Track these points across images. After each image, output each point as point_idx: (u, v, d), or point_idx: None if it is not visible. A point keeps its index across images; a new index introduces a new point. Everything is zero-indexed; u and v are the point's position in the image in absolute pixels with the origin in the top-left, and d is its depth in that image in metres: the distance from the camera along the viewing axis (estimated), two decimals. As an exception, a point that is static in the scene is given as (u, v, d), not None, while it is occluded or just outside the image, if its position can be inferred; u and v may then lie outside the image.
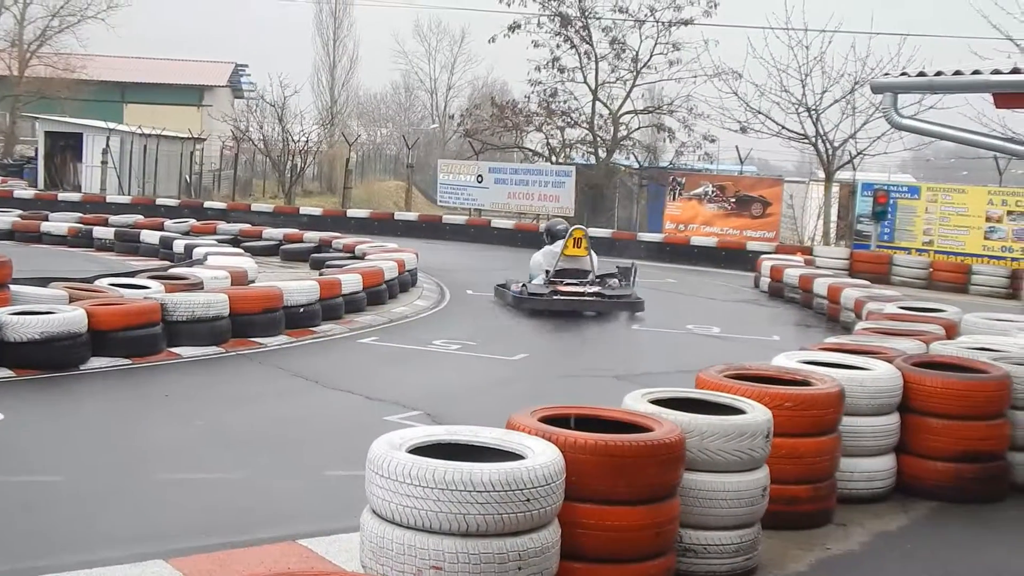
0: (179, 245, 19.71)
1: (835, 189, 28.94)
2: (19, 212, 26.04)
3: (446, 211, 33.24)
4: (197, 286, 12.57)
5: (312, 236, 22.81)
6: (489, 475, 4.05)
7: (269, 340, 11.63)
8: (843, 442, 6.16)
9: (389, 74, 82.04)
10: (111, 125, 39.15)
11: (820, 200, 29.39)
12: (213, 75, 55.29)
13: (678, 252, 26.95)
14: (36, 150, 41.24)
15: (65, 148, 40.44)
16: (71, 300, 10.67)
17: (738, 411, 5.41)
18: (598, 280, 15.66)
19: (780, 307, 18.24)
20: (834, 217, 28.72)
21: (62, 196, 32.59)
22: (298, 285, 12.85)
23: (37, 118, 41.88)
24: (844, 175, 29.67)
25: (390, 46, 72.44)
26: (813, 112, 28.70)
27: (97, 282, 12.37)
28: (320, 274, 15.67)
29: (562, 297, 15.09)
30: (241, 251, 18.07)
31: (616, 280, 15.91)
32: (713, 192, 29.16)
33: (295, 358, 11.10)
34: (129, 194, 35.49)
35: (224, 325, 11.21)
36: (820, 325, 15.69)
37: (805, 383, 6.14)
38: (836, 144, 28.78)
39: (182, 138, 42.17)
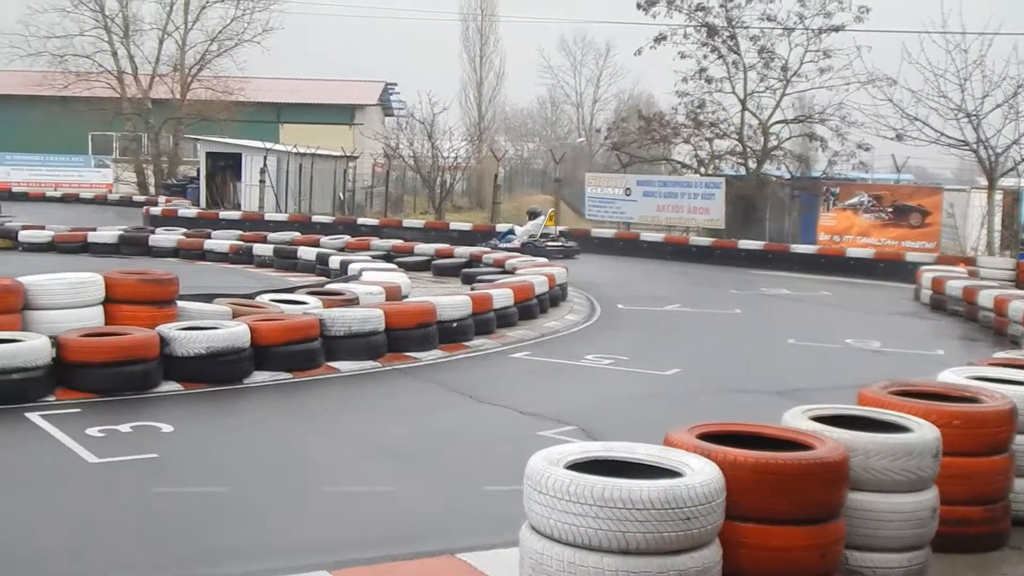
0: (335, 261, 20.18)
1: (998, 197, 27.89)
2: (183, 231, 27.03)
3: (594, 224, 33.23)
4: (353, 301, 12.83)
5: (463, 251, 23.09)
6: (648, 493, 4.02)
7: (423, 355, 11.80)
8: (1016, 462, 5.91)
9: (535, 89, 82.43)
10: (268, 145, 40.32)
11: (982, 208, 28.35)
12: (364, 94, 56.46)
13: (833, 264, 26.37)
14: (198, 170, 42.79)
15: (225, 168, 41.83)
16: (234, 316, 11.04)
17: (904, 429, 5.24)
18: (558, 238, 27.92)
19: (942, 320, 17.66)
20: (997, 226, 27.67)
21: (223, 214, 33.70)
22: (451, 300, 13.00)
23: (198, 139, 43.46)
24: (1008, 182, 28.58)
25: (536, 61, 72.91)
26: (973, 118, 27.74)
27: (258, 298, 12.75)
28: (472, 289, 15.83)
29: (547, 246, 26.28)
30: (395, 267, 18.38)
31: (564, 239, 28.06)
32: (869, 202, 28.42)
33: (449, 372, 11.23)
34: (286, 211, 36.49)
35: (380, 340, 11.42)
36: (986, 339, 15.14)
37: (974, 400, 5.91)
38: (999, 150, 27.76)
39: (335, 156, 43.17)
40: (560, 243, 27.19)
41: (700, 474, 4.22)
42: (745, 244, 28.30)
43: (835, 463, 4.57)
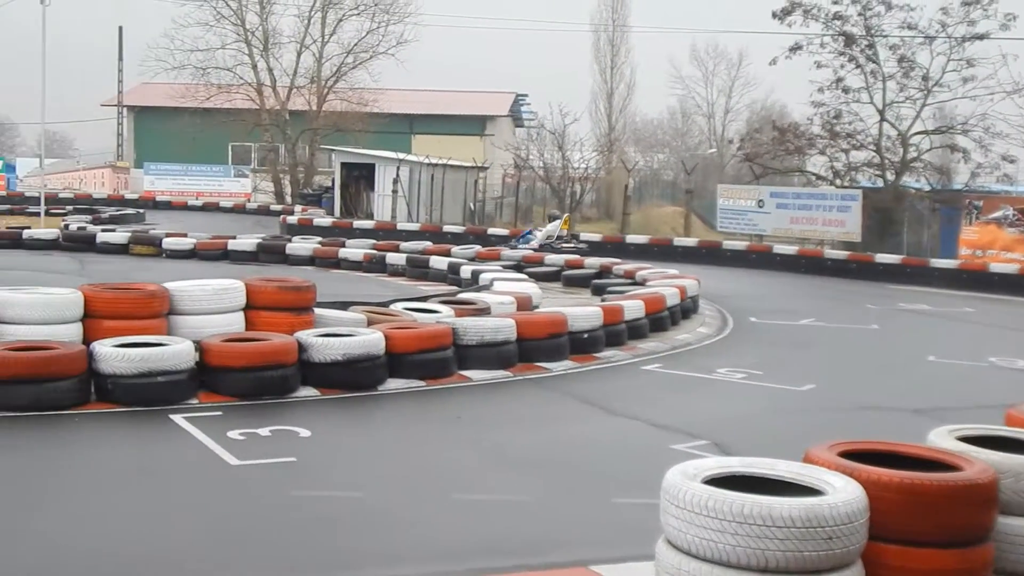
0: (466, 271, 20.36)
1: None
2: (319, 239, 27.59)
3: (725, 236, 32.85)
4: (485, 311, 12.91)
5: (593, 262, 23.06)
6: (789, 510, 3.94)
7: (554, 365, 11.81)
8: None
9: (665, 99, 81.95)
10: (400, 155, 40.92)
11: None
12: (495, 105, 56.92)
13: (976, 279, 25.53)
14: (333, 180, 43.66)
15: (359, 178, 42.60)
16: (369, 323, 11.21)
17: (1058, 452, 5.03)
18: (570, 240, 29.48)
19: (1095, 339, 16.97)
20: None
21: (357, 224, 34.31)
22: (582, 311, 12.99)
23: (334, 150, 44.33)
24: None
25: (667, 71, 72.43)
26: None
27: (392, 306, 12.93)
28: (602, 300, 15.79)
29: (563, 247, 27.79)
30: (525, 277, 18.45)
31: (576, 241, 29.63)
32: (1014, 216, 27.48)
33: (580, 383, 11.22)
34: (417, 221, 36.97)
35: (512, 350, 11.47)
36: None
37: None
38: None
39: (466, 167, 43.62)
40: (572, 245, 29.07)
41: (842, 493, 4.12)
42: (882, 258, 27.62)
43: (984, 485, 4.41)
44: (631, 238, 31.42)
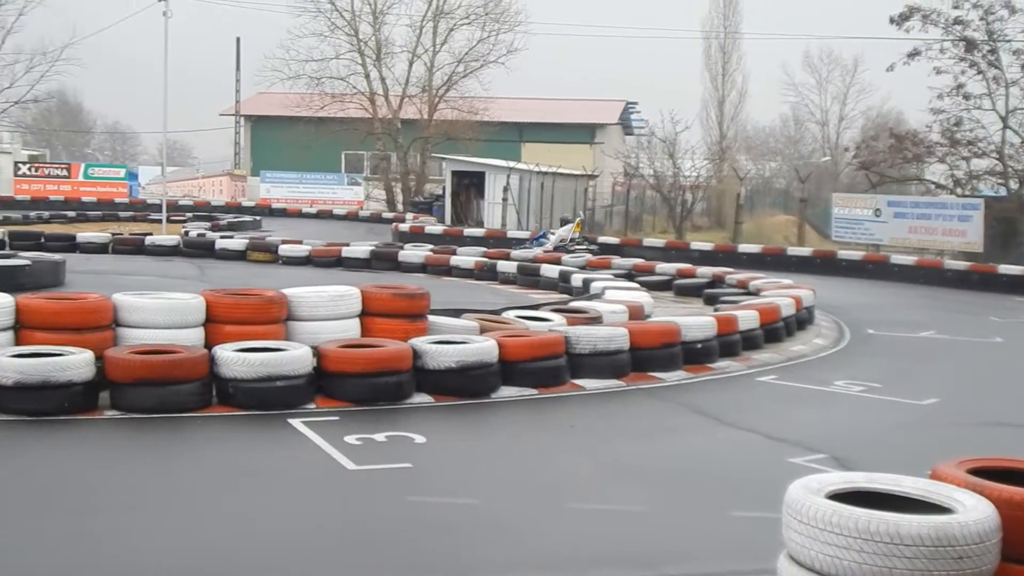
0: (577, 279, 20.33)
1: None
2: (430, 247, 27.85)
3: (840, 246, 32.23)
4: (597, 320, 12.88)
5: (705, 271, 22.83)
6: (918, 528, 3.84)
7: (667, 375, 11.72)
8: None
9: (778, 107, 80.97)
10: (511, 164, 41.07)
11: None
12: (604, 113, 56.84)
13: (1106, 292, 24.64)
14: (444, 188, 44.01)
15: (469, 186, 42.86)
16: (482, 331, 11.26)
17: None
18: (582, 242, 30.95)
19: None
20: None
21: (467, 232, 34.51)
22: (695, 321, 12.88)
23: (444, 158, 44.71)
24: None
25: (779, 78, 71.61)
26: None
27: (504, 314, 12.97)
28: (715, 310, 15.63)
29: (575, 249, 28.76)
30: (637, 286, 18.36)
31: (588, 243, 31.25)
32: None
33: (694, 394, 11.11)
34: (528, 229, 37.03)
35: (624, 359, 11.41)
36: None
37: None
38: None
39: (576, 175, 43.58)
40: (584, 246, 30.51)
41: (973, 511, 4.00)
42: (1006, 269, 26.76)
43: (1124, 506, 4.25)
44: (743, 247, 31.02)
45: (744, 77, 60.14)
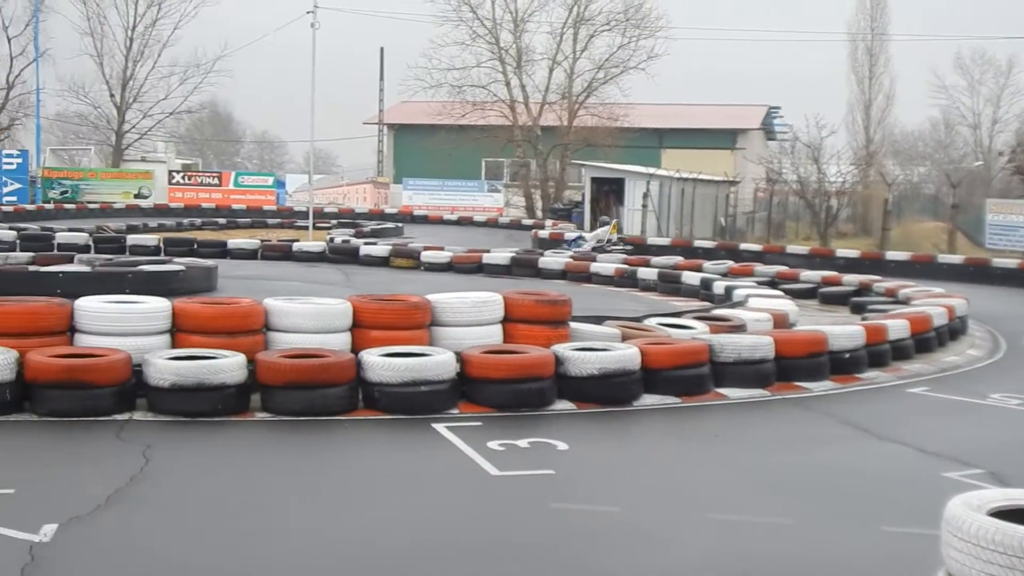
0: (719, 287, 20.06)
1: None
2: (570, 253, 27.86)
3: (994, 254, 31.10)
4: (740, 328, 12.69)
5: (851, 279, 22.28)
6: (1086, 549, 3.68)
7: (814, 385, 11.46)
8: None
9: (927, 110, 78.53)
10: (650, 170, 40.85)
11: None
12: (746, 118, 56.07)
13: None
14: (583, 195, 44.03)
15: (608, 192, 42.77)
16: (623, 338, 11.21)
17: None
18: (618, 243, 31.68)
19: None
20: None
21: (606, 238, 34.39)
22: (843, 330, 12.57)
23: (584, 165, 44.71)
24: None
25: (928, 80, 69.31)
26: None
27: (645, 321, 12.88)
28: (863, 319, 15.25)
29: (611, 250, 29.89)
30: (781, 293, 18.03)
31: (623, 244, 31.83)
32: None
33: (841, 405, 10.84)
34: (667, 236, 36.78)
35: (769, 368, 11.21)
36: None
37: None
38: None
39: (717, 181, 43.12)
40: (620, 247, 31.28)
41: None
42: None
43: None
44: (891, 254, 30.15)
45: (892, 80, 58.60)
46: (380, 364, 9.31)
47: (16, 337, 9.17)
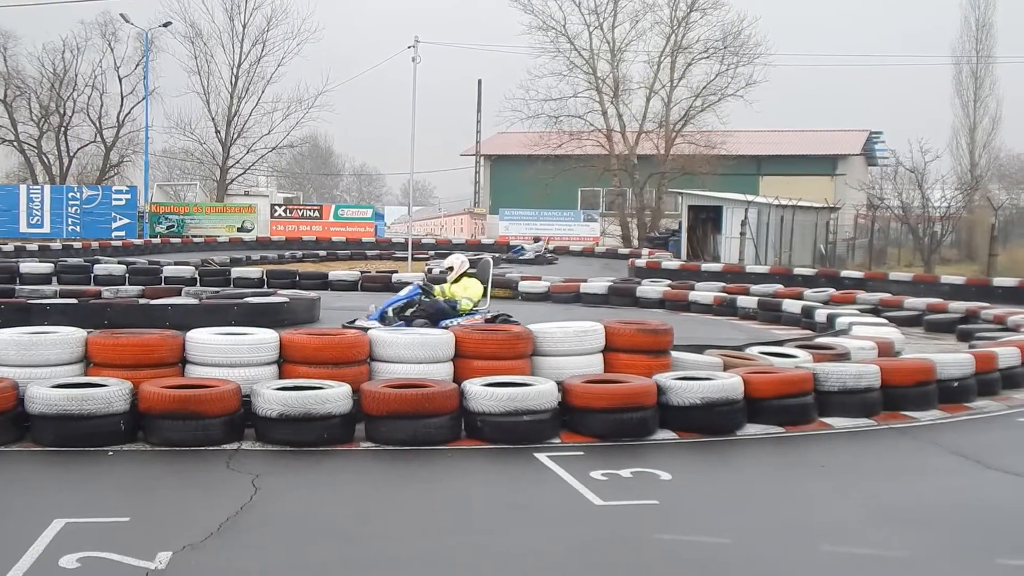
0: (820, 315, 19.77)
1: None
2: (667, 282, 27.75)
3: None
4: (844, 356, 12.49)
5: (957, 306, 21.81)
6: None
7: (921, 414, 11.22)
8: None
9: (1034, 132, 76.69)
10: (749, 197, 40.53)
11: None
12: (846, 144, 55.37)
13: None
14: (680, 223, 43.84)
15: (706, 220, 42.56)
16: (725, 367, 11.12)
17: None
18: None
19: None
20: None
21: (704, 266, 34.14)
22: (951, 358, 12.30)
23: (681, 193, 44.59)
24: None
25: (1035, 103, 67.72)
26: None
27: (747, 350, 12.76)
28: (970, 347, 14.91)
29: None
30: (885, 321, 17.71)
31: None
32: None
33: (950, 434, 10.60)
34: (766, 264, 36.40)
35: (875, 397, 11.01)
36: None
37: None
38: None
39: (816, 207, 42.57)
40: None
41: None
42: None
43: None
44: (998, 281, 29.37)
45: (998, 102, 57.54)
46: (483, 394, 9.37)
47: (130, 368, 9.44)
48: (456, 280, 15.00)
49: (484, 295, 15.17)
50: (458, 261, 15.35)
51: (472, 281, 14.83)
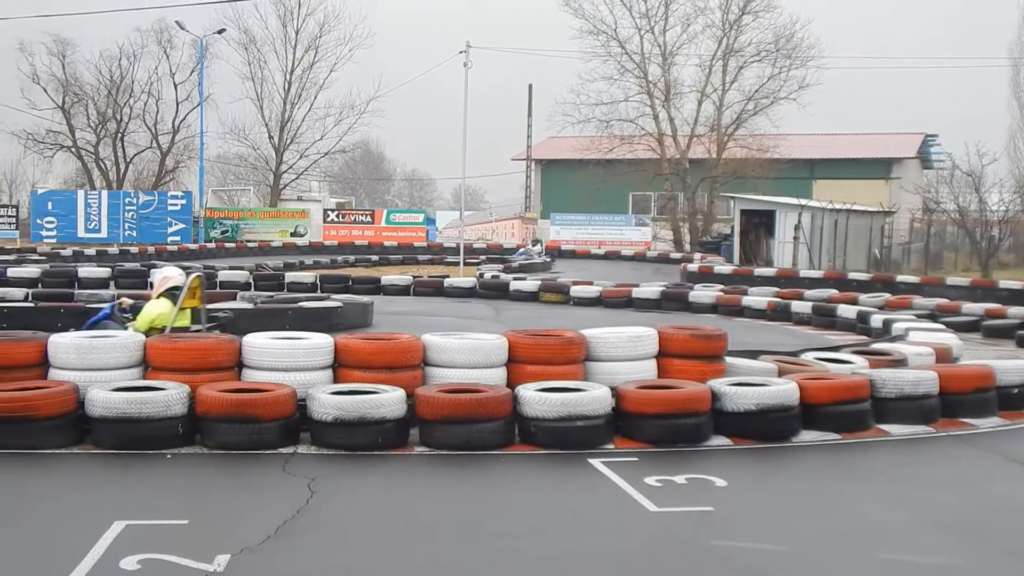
0: (876, 320, 19.58)
1: None
2: (720, 287, 27.61)
3: None
4: (902, 362, 12.36)
5: (1016, 311, 21.50)
6: None
7: (980, 421, 11.06)
8: None
9: (1095, 134, 75.33)
10: (802, 201, 40.20)
11: None
12: (901, 147, 54.78)
13: None
14: (732, 227, 43.60)
15: (759, 225, 42.28)
16: (780, 373, 11.04)
17: None
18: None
19: None
20: None
21: (757, 271, 33.95)
22: (1011, 364, 12.11)
23: (733, 197, 44.34)
24: None
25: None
26: None
27: (802, 356, 12.66)
28: (1030, 353, 14.70)
29: None
30: (942, 327, 17.50)
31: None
32: None
33: (1010, 442, 10.44)
34: (820, 268, 36.07)
35: (933, 404, 10.88)
36: None
37: None
38: None
39: (871, 212, 42.15)
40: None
41: None
42: None
43: None
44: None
45: (1058, 104, 56.57)
46: (536, 399, 9.36)
47: (188, 372, 9.56)
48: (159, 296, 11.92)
49: (195, 317, 12.15)
50: (159, 277, 12.44)
51: (158, 302, 11.79)
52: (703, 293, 25.88)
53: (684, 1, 50.50)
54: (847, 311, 21.76)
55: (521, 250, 44.83)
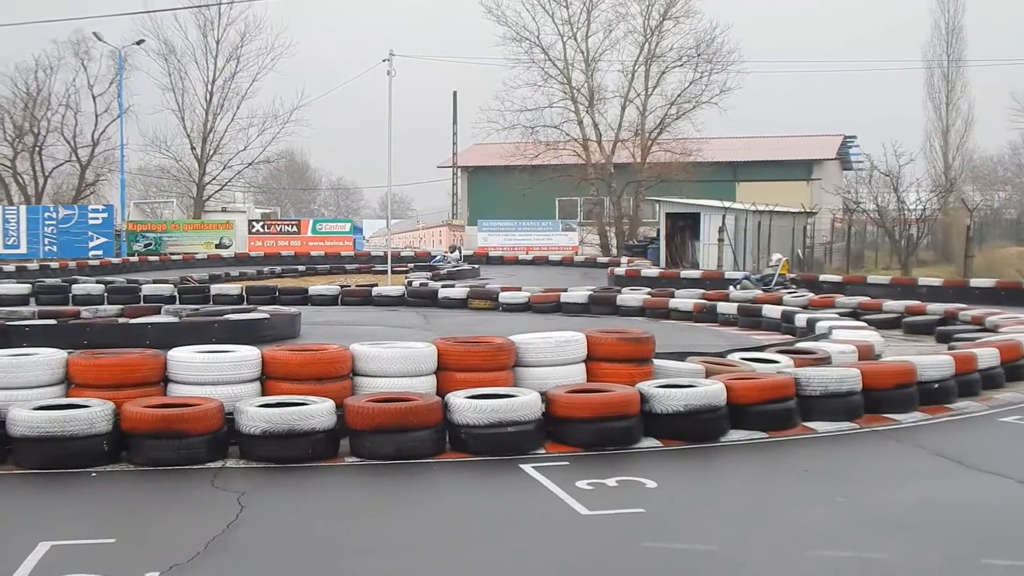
0: (800, 319, 19.87)
1: None
2: (647, 290, 27.80)
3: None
4: (825, 360, 12.56)
5: (935, 308, 21.93)
6: None
7: (903, 416, 11.28)
8: None
9: (1006, 134, 77.26)
10: (726, 204, 40.66)
11: None
12: (821, 149, 55.65)
13: None
14: (658, 231, 43.95)
15: (684, 228, 42.66)
16: (707, 374, 11.16)
17: None
18: (789, 284, 28.83)
19: None
20: None
21: (684, 274, 34.23)
22: (931, 360, 12.39)
23: (658, 201, 44.70)
24: None
25: (1007, 105, 68.29)
26: None
27: (729, 356, 12.80)
28: (950, 348, 15.00)
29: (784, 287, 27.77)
30: (865, 324, 17.80)
31: (795, 285, 29.15)
32: None
33: (932, 436, 10.65)
34: (745, 269, 36.48)
35: (857, 400, 11.07)
36: None
37: None
38: None
39: (793, 212, 42.74)
40: (792, 288, 28.24)
41: None
42: None
43: None
44: (975, 282, 29.55)
45: (970, 105, 57.94)
46: (466, 406, 9.36)
47: (112, 389, 9.42)
48: None
49: None
50: None
51: None
52: (630, 296, 26.06)
53: (606, 7, 50.85)
54: (772, 311, 22.06)
55: (437, 257, 45.34)
